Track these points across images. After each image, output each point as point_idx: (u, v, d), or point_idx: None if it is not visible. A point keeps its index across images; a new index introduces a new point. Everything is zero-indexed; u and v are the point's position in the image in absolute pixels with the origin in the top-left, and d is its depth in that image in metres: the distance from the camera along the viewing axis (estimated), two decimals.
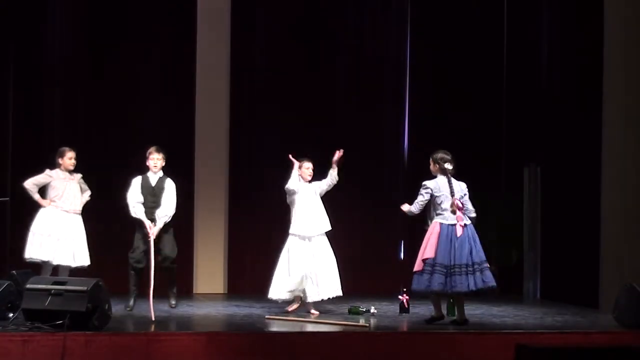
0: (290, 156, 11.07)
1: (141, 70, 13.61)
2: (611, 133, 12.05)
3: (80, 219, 11.28)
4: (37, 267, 11.11)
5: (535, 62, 13.88)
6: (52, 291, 9.20)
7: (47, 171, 11.27)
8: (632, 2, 11.94)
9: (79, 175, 11.36)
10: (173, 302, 11.23)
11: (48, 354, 8.74)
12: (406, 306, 11.36)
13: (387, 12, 14.26)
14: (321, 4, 14.11)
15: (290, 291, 11.02)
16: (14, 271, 10.47)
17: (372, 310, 11.22)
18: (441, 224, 10.34)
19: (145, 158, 11.21)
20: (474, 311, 11.65)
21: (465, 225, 10.36)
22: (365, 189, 14.00)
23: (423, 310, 11.62)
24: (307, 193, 11.15)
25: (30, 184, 11.19)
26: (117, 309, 10.54)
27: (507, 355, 8.97)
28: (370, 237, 13.87)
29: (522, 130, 13.99)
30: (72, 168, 11.25)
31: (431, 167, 10.64)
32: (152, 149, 11.16)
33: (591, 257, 12.17)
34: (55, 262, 11.05)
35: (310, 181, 11.20)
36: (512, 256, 13.85)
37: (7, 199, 12.52)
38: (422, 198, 10.47)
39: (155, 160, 11.09)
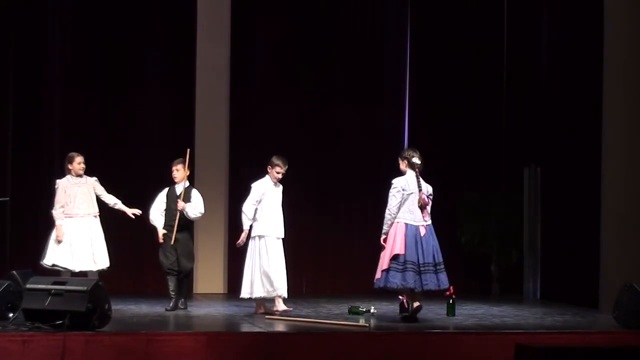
0: None
1: (141, 70, 13.63)
2: (611, 133, 12.05)
3: (95, 221, 11.30)
4: (54, 272, 11.08)
5: (535, 62, 13.88)
6: (52, 291, 9.20)
7: (57, 183, 11.28)
8: (632, 2, 11.94)
9: (93, 179, 11.37)
10: (182, 306, 11.33)
11: (48, 354, 8.73)
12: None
13: (387, 13, 14.26)
14: (321, 3, 14.11)
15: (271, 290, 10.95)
16: (14, 271, 10.47)
17: (372, 310, 11.22)
18: (407, 224, 10.44)
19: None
20: (474, 311, 11.66)
21: (428, 224, 10.50)
22: (365, 189, 14.00)
23: (423, 310, 11.61)
24: (276, 194, 11.11)
25: (58, 209, 11.23)
26: (118, 308, 10.56)
27: (507, 355, 8.97)
28: (371, 237, 13.84)
29: (522, 130, 13.99)
30: (81, 172, 11.29)
31: (401, 166, 10.67)
32: (175, 161, 11.38)
33: (591, 257, 12.17)
34: (77, 269, 11.11)
35: (280, 181, 11.12)
36: (512, 256, 13.86)
37: (7, 199, 12.53)
38: (395, 200, 10.49)
39: (175, 171, 11.35)
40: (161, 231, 11.26)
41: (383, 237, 10.54)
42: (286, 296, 11.02)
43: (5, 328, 9.20)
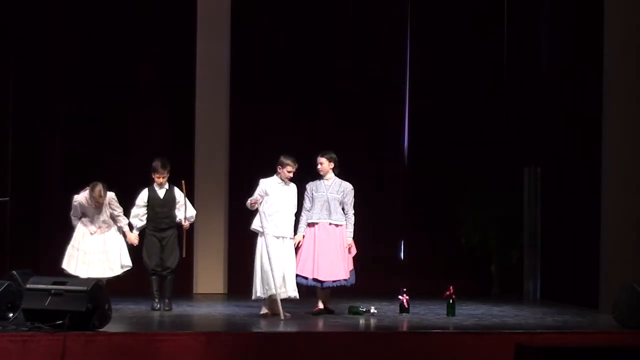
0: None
1: (141, 70, 13.62)
2: (611, 133, 12.05)
3: (110, 233, 11.28)
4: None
5: (535, 62, 13.88)
6: (52, 291, 9.20)
7: (75, 199, 11.19)
8: (632, 3, 11.95)
9: (111, 195, 11.25)
10: (167, 307, 11.26)
11: (48, 354, 8.74)
12: (406, 306, 11.36)
13: (387, 12, 14.24)
14: (321, 3, 14.11)
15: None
16: (14, 271, 10.47)
17: (372, 310, 11.22)
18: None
19: (150, 170, 11.40)
20: (474, 311, 11.66)
21: None
22: (365, 189, 13.96)
23: (423, 310, 11.63)
24: (283, 194, 11.02)
25: (75, 219, 11.31)
26: (118, 308, 10.56)
27: (507, 355, 8.97)
28: (370, 237, 13.84)
29: (522, 130, 13.99)
30: (97, 205, 11.16)
31: (328, 165, 11.22)
32: (156, 165, 11.30)
33: (591, 257, 12.16)
34: (84, 276, 11.09)
35: (291, 180, 11.07)
36: (512, 256, 13.85)
37: (7, 199, 12.52)
38: None
39: (161, 179, 11.31)
40: (134, 234, 11.30)
41: (351, 240, 11.25)
42: (285, 296, 10.86)
43: (5, 328, 9.20)
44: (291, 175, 11.01)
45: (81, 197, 11.18)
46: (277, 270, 10.72)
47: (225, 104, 13.73)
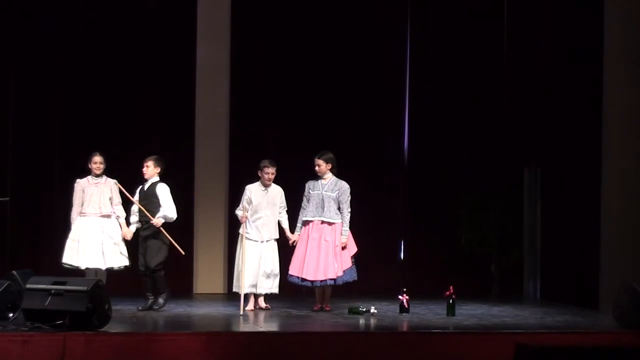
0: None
1: (141, 70, 13.61)
2: (611, 133, 12.05)
3: (110, 222, 11.36)
4: (75, 272, 11.13)
5: (535, 62, 13.88)
6: (52, 291, 9.20)
7: (77, 182, 11.41)
8: (631, 2, 11.95)
9: (112, 181, 11.44)
10: (155, 306, 11.23)
11: (48, 354, 8.74)
12: (406, 306, 11.36)
13: (387, 12, 14.25)
14: (321, 3, 14.11)
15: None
16: (14, 271, 10.47)
17: (372, 310, 11.22)
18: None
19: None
20: (474, 311, 11.66)
21: None
22: (365, 189, 13.98)
23: (423, 310, 11.64)
24: (266, 197, 11.42)
25: (74, 211, 11.38)
26: (118, 308, 10.56)
27: (507, 355, 8.97)
28: (370, 237, 13.86)
29: (522, 130, 13.99)
30: (98, 172, 11.39)
31: (324, 167, 11.43)
32: (147, 158, 11.46)
33: (591, 257, 12.17)
34: (83, 267, 11.20)
35: (270, 184, 11.42)
36: (512, 256, 13.85)
37: (7, 199, 12.53)
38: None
39: (145, 167, 11.40)
40: (129, 229, 11.34)
41: (345, 239, 11.33)
42: (266, 292, 11.43)
43: (5, 328, 9.21)
44: (271, 178, 11.39)
45: (82, 179, 11.36)
46: (252, 270, 11.25)
47: (226, 105, 13.72)
